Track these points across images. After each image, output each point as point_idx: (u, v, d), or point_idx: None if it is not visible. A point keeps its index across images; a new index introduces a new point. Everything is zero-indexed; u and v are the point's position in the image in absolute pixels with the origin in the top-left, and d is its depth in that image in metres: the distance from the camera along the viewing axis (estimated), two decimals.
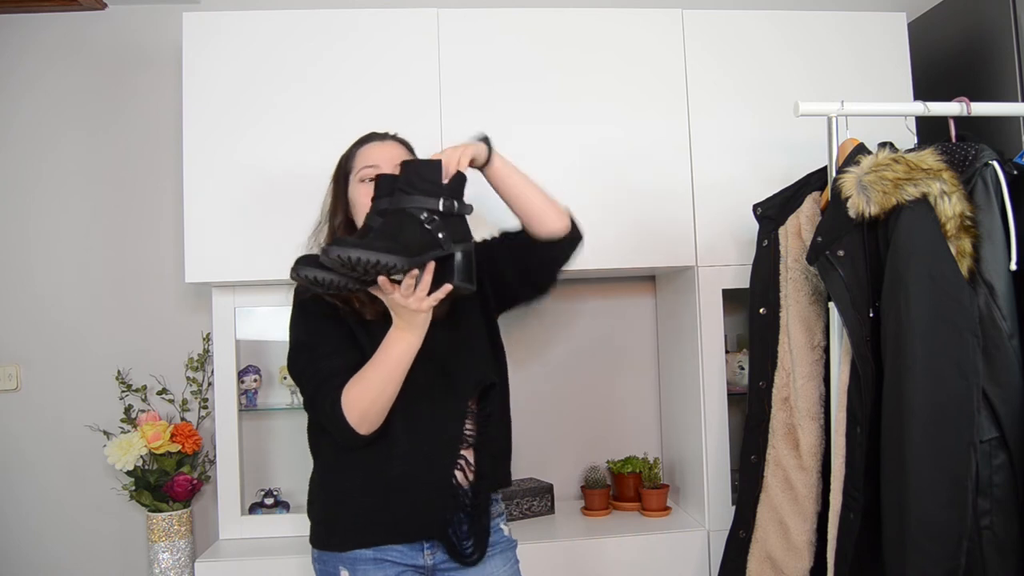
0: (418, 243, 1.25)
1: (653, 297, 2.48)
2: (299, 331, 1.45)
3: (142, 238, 2.34)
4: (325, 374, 1.37)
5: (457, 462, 1.43)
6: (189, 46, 2.01)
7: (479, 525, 1.45)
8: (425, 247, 1.26)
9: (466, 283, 1.30)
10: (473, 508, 1.44)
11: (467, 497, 1.44)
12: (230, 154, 1.99)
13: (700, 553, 2.04)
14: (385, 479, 1.40)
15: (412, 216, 1.27)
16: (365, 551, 1.40)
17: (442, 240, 1.27)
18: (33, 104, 2.32)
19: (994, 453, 1.43)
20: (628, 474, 2.25)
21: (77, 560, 2.27)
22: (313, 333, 1.43)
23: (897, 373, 1.45)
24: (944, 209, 1.46)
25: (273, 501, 2.15)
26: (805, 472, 1.72)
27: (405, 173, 1.33)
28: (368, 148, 1.50)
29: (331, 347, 1.40)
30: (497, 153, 1.47)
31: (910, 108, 1.73)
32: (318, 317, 1.43)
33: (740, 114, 2.12)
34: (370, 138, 1.53)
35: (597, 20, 2.11)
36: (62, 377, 2.29)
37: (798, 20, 2.16)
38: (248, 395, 2.20)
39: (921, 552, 1.39)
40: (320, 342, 1.41)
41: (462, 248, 1.29)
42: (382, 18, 2.06)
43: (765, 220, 1.87)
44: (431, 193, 1.30)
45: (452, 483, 1.42)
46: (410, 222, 1.27)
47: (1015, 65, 2.01)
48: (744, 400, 1.91)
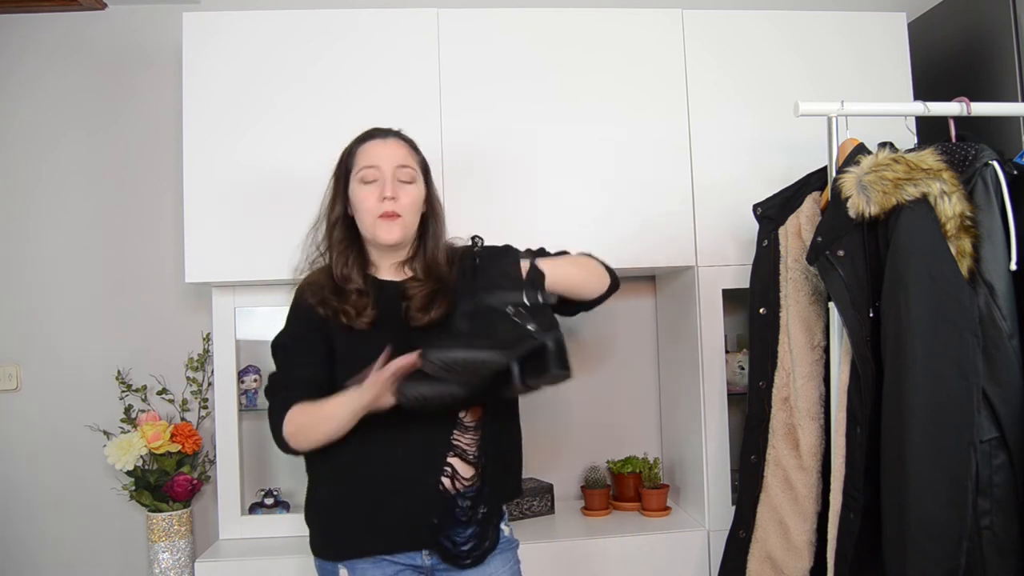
0: (512, 337, 1.24)
1: (653, 297, 2.48)
2: (284, 332, 1.50)
3: (142, 238, 2.34)
4: (290, 381, 1.44)
5: (443, 469, 1.41)
6: (189, 46, 2.01)
7: (481, 533, 1.44)
8: (519, 340, 1.25)
9: (562, 370, 1.28)
10: (471, 516, 1.43)
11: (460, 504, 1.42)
12: (230, 154, 1.99)
13: (700, 553, 2.04)
14: (371, 490, 1.40)
15: (500, 311, 1.27)
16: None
17: (534, 331, 1.26)
18: (33, 104, 2.32)
19: (994, 453, 1.43)
20: (628, 474, 2.25)
21: (77, 560, 2.27)
22: (295, 339, 1.47)
23: (897, 373, 1.45)
24: (944, 209, 1.46)
25: (273, 501, 2.15)
26: (805, 472, 1.72)
27: (485, 274, 1.33)
28: (370, 146, 1.48)
29: (305, 357, 1.44)
30: (540, 262, 1.40)
31: (910, 108, 1.73)
32: (304, 325, 1.46)
33: (740, 114, 2.12)
34: (372, 135, 1.51)
35: (597, 20, 2.11)
36: (62, 377, 2.29)
37: (798, 20, 2.16)
38: (248, 395, 2.20)
39: (921, 552, 1.39)
40: (298, 349, 1.46)
41: (553, 336, 1.28)
42: (382, 18, 2.06)
43: (765, 220, 1.87)
44: (514, 288, 1.30)
45: (439, 490, 1.40)
46: (500, 318, 1.26)
47: (1015, 65, 2.01)
48: (744, 400, 1.91)
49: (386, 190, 1.44)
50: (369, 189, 1.45)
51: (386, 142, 1.49)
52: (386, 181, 1.45)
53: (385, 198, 1.44)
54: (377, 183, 1.45)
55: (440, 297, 1.45)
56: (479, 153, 2.04)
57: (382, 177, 1.45)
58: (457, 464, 1.43)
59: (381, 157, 1.46)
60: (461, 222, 1.92)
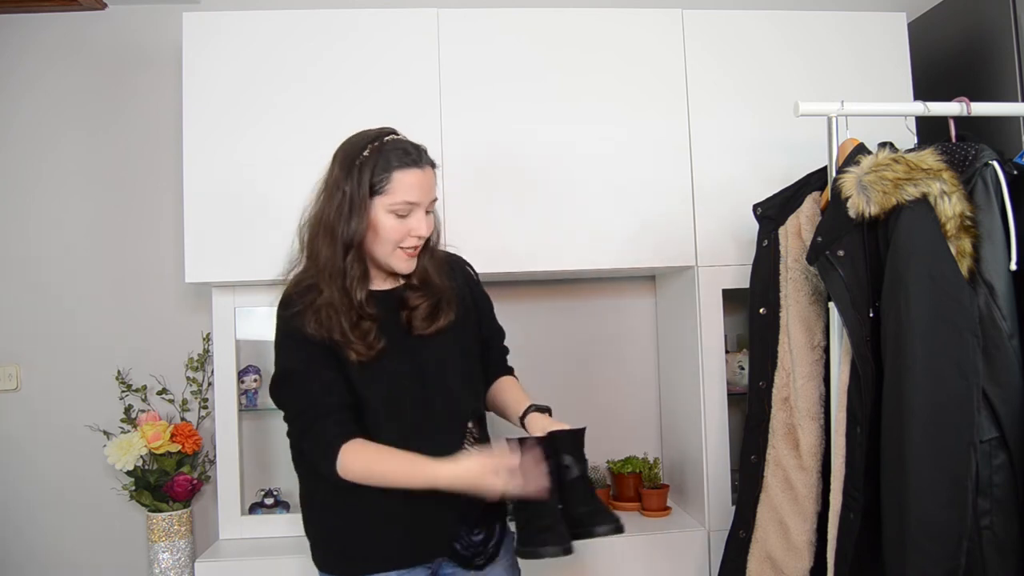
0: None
1: (653, 297, 2.48)
2: (288, 358, 1.39)
3: (142, 238, 2.34)
4: (323, 408, 1.34)
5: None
6: (189, 46, 2.01)
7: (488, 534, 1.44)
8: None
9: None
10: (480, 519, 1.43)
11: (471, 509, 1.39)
12: (230, 154, 1.99)
13: (700, 553, 2.04)
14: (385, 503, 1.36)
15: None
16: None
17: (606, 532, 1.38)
18: (33, 104, 2.32)
19: (994, 453, 1.43)
20: (628, 474, 2.25)
21: (77, 560, 2.27)
22: (307, 362, 1.36)
23: (897, 373, 1.45)
24: (944, 209, 1.46)
25: (273, 501, 2.15)
26: (805, 472, 1.72)
27: (573, 446, 1.39)
28: (410, 177, 1.35)
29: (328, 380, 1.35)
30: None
31: (910, 108, 1.73)
32: (308, 346, 1.36)
33: (740, 114, 2.12)
34: (412, 160, 1.36)
35: (597, 20, 2.11)
36: (62, 377, 2.29)
37: (798, 20, 2.16)
38: (248, 395, 2.20)
39: (921, 552, 1.39)
40: (314, 373, 1.36)
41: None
42: (382, 18, 2.06)
43: (765, 220, 1.87)
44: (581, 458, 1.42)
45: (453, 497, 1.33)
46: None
47: (1015, 65, 2.01)
48: (744, 400, 1.91)
49: (421, 229, 1.37)
50: (400, 222, 1.36)
51: (424, 172, 1.37)
52: (421, 219, 1.38)
53: (417, 236, 1.38)
54: (408, 217, 1.37)
55: (444, 306, 1.44)
56: (479, 153, 2.04)
57: (417, 213, 1.38)
58: None
59: (421, 192, 1.36)
60: (461, 222, 1.94)
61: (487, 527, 1.46)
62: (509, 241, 2.03)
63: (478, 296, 1.57)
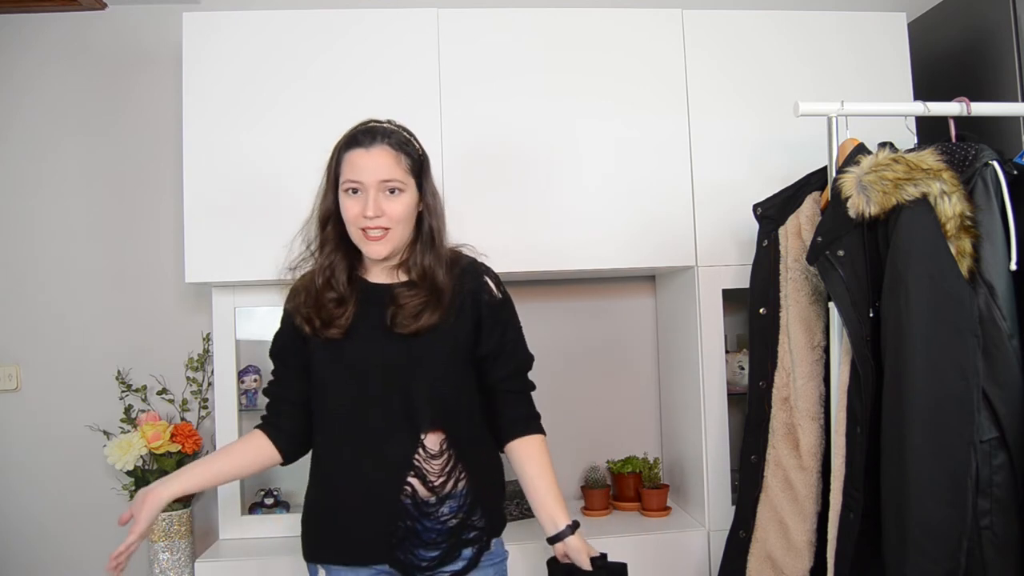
0: None
1: (653, 297, 2.48)
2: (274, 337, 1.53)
3: (142, 238, 2.34)
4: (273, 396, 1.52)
5: (403, 488, 1.38)
6: (189, 46, 2.01)
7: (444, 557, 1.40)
8: None
9: None
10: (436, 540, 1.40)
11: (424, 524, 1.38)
12: (230, 154, 1.99)
13: (700, 553, 2.03)
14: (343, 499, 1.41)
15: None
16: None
17: None
18: (33, 104, 2.32)
19: (994, 453, 1.43)
20: (628, 474, 2.25)
21: (77, 560, 2.26)
22: (280, 348, 1.51)
23: (897, 373, 1.45)
24: (944, 209, 1.46)
25: (273, 501, 2.15)
26: (805, 472, 1.72)
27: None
28: (353, 157, 1.39)
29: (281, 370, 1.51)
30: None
31: (910, 108, 1.74)
32: (286, 332, 1.49)
33: (740, 114, 2.12)
34: (356, 141, 1.40)
35: (597, 20, 2.11)
36: (62, 377, 2.29)
37: (798, 20, 2.16)
38: (248, 395, 2.20)
39: (921, 552, 1.39)
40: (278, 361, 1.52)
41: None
42: (382, 17, 2.06)
43: (765, 220, 1.87)
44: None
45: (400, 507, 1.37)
46: None
47: (1015, 65, 2.01)
48: (744, 400, 1.91)
49: (368, 209, 1.37)
50: (353, 200, 1.39)
51: (370, 152, 1.38)
52: (369, 200, 1.37)
53: (367, 216, 1.37)
54: (360, 196, 1.38)
55: (432, 306, 1.40)
56: (478, 153, 2.04)
57: (365, 192, 1.38)
58: (417, 485, 1.39)
59: (363, 172, 1.37)
60: (460, 222, 1.93)
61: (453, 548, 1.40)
62: (509, 241, 2.03)
63: (485, 307, 1.47)
